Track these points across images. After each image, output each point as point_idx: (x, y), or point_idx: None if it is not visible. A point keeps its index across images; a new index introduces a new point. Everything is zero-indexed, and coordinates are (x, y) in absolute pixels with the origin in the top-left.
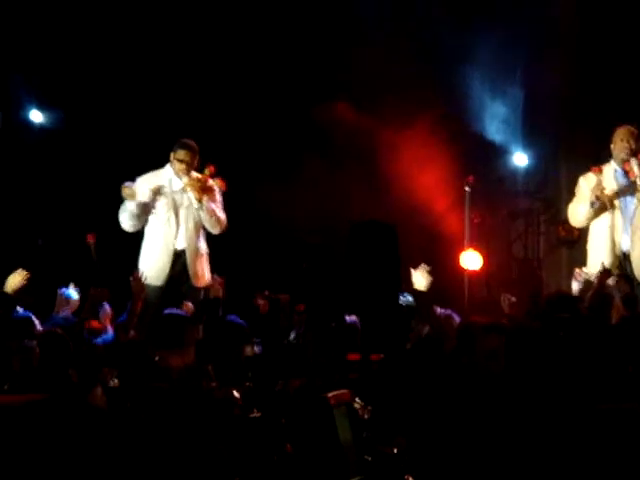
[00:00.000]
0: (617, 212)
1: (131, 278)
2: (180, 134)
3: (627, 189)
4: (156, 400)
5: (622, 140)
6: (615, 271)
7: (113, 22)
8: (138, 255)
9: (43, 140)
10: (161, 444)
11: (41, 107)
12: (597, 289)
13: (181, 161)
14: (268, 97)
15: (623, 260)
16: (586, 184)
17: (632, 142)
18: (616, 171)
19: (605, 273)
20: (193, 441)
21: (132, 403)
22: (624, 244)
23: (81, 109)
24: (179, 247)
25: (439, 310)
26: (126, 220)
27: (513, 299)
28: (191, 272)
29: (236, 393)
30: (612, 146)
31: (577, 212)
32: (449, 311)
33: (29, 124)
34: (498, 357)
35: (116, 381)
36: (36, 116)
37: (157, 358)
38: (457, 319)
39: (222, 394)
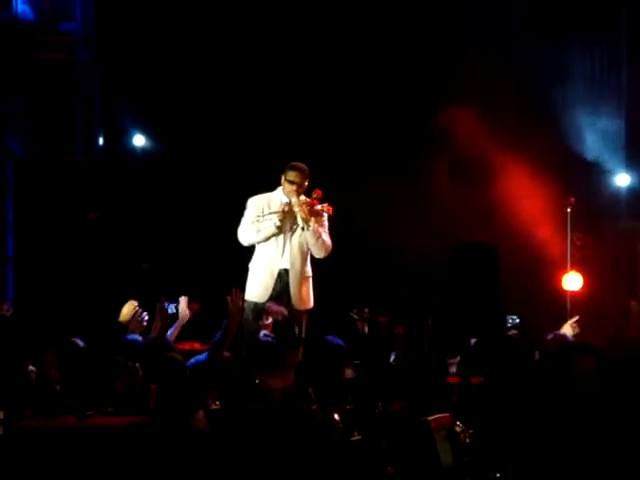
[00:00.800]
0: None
1: (228, 297)
2: (287, 158)
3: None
4: (257, 423)
5: (292, 183)
6: None
7: (214, 47)
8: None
9: (146, 165)
10: (263, 467)
11: (144, 132)
12: None
13: (291, 182)
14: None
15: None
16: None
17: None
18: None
19: None
20: (294, 464)
21: (234, 426)
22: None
23: (182, 134)
24: (282, 267)
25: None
26: (248, 236)
27: None
28: (293, 293)
29: (337, 416)
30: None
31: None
32: (562, 332)
33: (132, 149)
34: (592, 377)
35: (218, 403)
36: (139, 141)
37: (257, 380)
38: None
39: (323, 416)
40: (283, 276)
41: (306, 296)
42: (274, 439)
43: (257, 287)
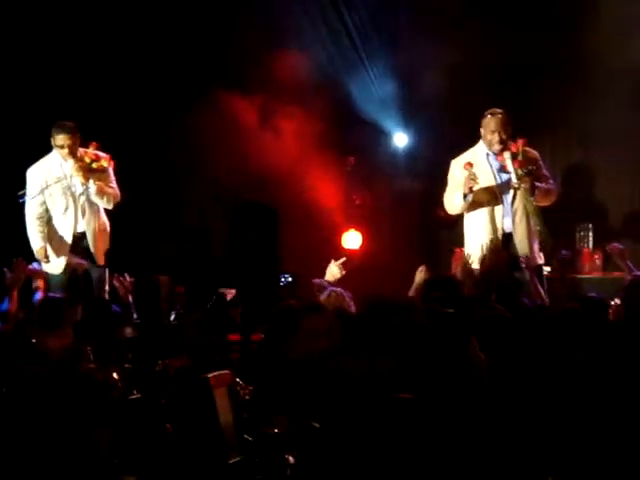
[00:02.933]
0: (495, 196)
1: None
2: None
3: (503, 173)
4: (31, 384)
5: (493, 132)
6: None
7: None
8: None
9: None
10: (36, 429)
11: None
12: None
13: (61, 147)
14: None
15: (506, 242)
16: (459, 170)
17: (502, 132)
18: (488, 155)
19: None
20: (70, 424)
21: (6, 388)
22: (506, 226)
23: None
24: (79, 230)
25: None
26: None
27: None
28: (93, 251)
29: (115, 375)
30: (482, 132)
31: (453, 203)
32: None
33: None
34: (321, 337)
35: None
36: None
37: (34, 340)
38: (348, 295)
39: (101, 376)
40: (82, 238)
41: (102, 250)
42: (47, 400)
43: (53, 256)
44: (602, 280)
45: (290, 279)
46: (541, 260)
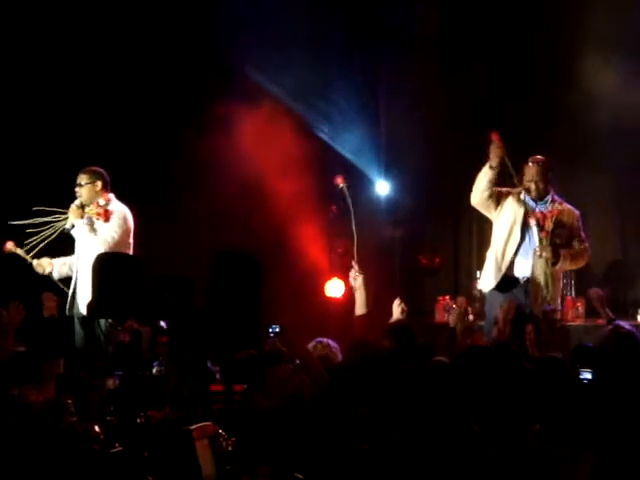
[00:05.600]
0: (517, 234)
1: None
2: None
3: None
4: (12, 438)
5: (530, 181)
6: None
7: None
8: None
9: None
10: None
11: None
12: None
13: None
14: None
15: (524, 287)
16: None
17: (540, 182)
18: (525, 196)
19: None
20: (52, 478)
21: None
22: (523, 271)
23: None
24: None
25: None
26: None
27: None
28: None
29: (97, 427)
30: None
31: (479, 180)
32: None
33: None
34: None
35: None
36: None
37: (15, 393)
38: (334, 346)
39: (82, 429)
40: None
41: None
42: (29, 455)
43: None
44: (586, 328)
45: (277, 330)
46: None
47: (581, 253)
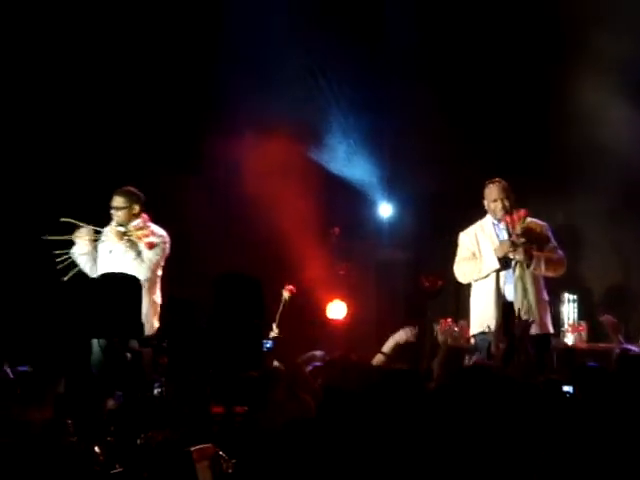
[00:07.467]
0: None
1: None
2: None
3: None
4: (11, 457)
5: (495, 200)
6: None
7: None
8: None
9: None
10: None
11: None
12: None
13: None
14: None
15: (507, 310)
16: (468, 239)
17: (504, 199)
18: (495, 225)
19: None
20: None
21: None
22: (507, 295)
23: None
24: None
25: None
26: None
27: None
28: None
29: (97, 448)
30: (485, 203)
31: (464, 270)
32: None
33: None
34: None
35: None
36: None
37: (15, 413)
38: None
39: (82, 449)
40: None
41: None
42: (29, 474)
43: None
44: (589, 352)
45: (269, 345)
46: (551, 330)
47: (555, 260)
